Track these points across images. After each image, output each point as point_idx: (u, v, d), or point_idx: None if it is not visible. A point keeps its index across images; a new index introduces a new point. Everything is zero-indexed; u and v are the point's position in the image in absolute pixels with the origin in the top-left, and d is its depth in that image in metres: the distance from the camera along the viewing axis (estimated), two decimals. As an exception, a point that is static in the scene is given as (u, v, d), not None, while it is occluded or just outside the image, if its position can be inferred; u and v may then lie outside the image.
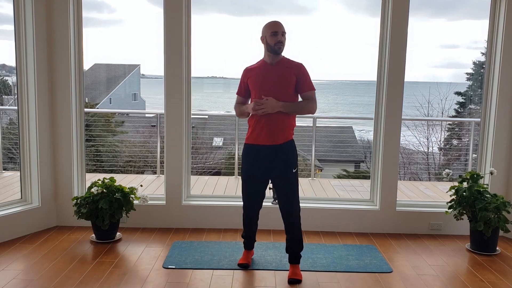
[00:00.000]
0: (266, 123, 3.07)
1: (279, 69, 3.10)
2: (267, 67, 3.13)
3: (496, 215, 3.65)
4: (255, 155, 3.15)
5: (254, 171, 3.19)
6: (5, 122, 7.77)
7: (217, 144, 11.44)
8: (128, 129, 11.37)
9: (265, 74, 3.11)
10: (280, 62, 3.13)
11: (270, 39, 3.06)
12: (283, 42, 3.08)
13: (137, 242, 3.86)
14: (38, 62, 3.87)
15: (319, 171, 9.98)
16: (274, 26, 3.07)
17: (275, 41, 3.05)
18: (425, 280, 3.24)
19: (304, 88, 3.12)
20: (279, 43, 3.05)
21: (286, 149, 3.11)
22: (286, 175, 3.11)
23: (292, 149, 3.14)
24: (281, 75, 3.09)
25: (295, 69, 3.11)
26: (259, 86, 3.11)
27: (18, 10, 3.81)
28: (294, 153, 3.15)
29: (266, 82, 3.09)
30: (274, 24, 3.08)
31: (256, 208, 3.34)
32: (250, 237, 3.47)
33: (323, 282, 3.17)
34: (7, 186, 5.52)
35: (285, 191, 3.15)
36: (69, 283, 3.04)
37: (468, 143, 8.95)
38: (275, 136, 3.08)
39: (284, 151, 3.10)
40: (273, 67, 3.12)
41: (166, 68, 4.01)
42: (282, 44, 3.07)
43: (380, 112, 4.15)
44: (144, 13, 48.27)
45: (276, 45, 3.05)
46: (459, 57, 72.91)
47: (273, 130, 3.07)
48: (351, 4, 51.81)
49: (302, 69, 3.12)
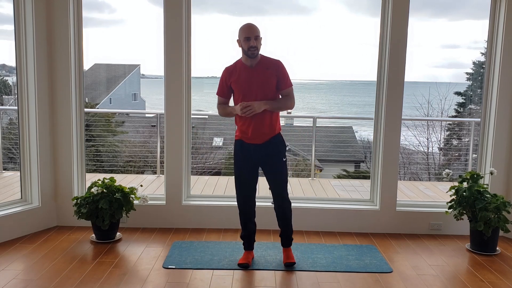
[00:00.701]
0: (253, 123, 3.23)
1: (260, 71, 3.22)
2: (248, 71, 3.24)
3: (496, 215, 3.64)
4: (246, 150, 3.31)
5: (246, 165, 3.34)
6: (5, 122, 7.77)
7: (217, 144, 11.44)
8: (128, 129, 11.37)
9: (249, 79, 3.23)
10: (259, 63, 3.24)
11: (243, 44, 3.17)
12: (257, 47, 3.17)
13: (137, 242, 3.86)
14: (38, 62, 3.87)
15: (319, 171, 9.98)
16: (246, 31, 3.16)
17: (248, 46, 3.15)
18: (425, 280, 3.24)
19: (283, 86, 3.28)
20: (252, 48, 3.15)
21: (275, 143, 3.31)
22: (277, 165, 3.33)
23: (280, 142, 3.34)
24: (263, 77, 3.22)
25: (274, 69, 3.24)
26: (244, 91, 3.23)
27: (18, 10, 3.81)
28: (282, 145, 3.36)
29: (250, 87, 3.22)
30: (247, 29, 3.17)
31: (251, 202, 3.44)
32: (249, 236, 3.49)
33: (323, 282, 3.17)
34: (7, 186, 5.51)
35: (276, 178, 3.35)
36: (69, 283, 3.05)
37: (468, 143, 8.95)
38: (263, 135, 3.26)
39: (273, 145, 3.30)
40: (254, 70, 3.23)
41: (166, 68, 4.01)
42: (255, 48, 3.17)
43: (380, 112, 4.15)
44: (145, 13, 48.32)
45: (249, 50, 3.16)
46: (460, 57, 72.97)
47: (261, 130, 3.25)
48: (351, 4, 51.79)
49: (281, 67, 3.26)
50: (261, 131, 3.25)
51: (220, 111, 3.41)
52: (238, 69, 3.27)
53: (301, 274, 3.30)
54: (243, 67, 3.26)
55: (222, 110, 3.39)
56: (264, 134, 3.26)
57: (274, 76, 3.23)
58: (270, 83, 3.23)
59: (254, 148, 3.28)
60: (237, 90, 3.27)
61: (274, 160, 3.32)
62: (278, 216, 3.43)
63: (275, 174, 3.34)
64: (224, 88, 3.34)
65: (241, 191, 3.41)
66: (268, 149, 3.29)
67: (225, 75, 3.31)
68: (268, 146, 3.28)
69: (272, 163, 3.33)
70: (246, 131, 3.27)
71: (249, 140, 3.28)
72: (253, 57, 3.19)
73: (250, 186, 3.40)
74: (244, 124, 3.26)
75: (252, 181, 3.40)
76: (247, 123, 3.24)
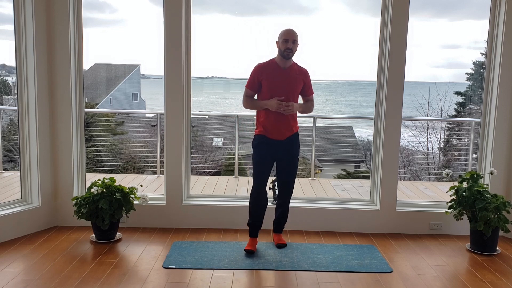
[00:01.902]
0: (276, 122, 3.50)
1: (291, 75, 3.51)
2: (281, 71, 3.50)
3: (496, 215, 3.64)
4: (266, 144, 3.55)
5: (266, 156, 3.58)
6: (5, 122, 7.78)
7: (217, 144, 11.45)
8: (128, 129, 11.38)
9: (280, 79, 3.49)
10: (291, 68, 3.53)
11: (281, 44, 3.46)
12: (293, 50, 3.46)
13: (137, 242, 3.86)
14: (38, 62, 3.87)
15: (319, 171, 9.98)
16: (286, 34, 3.46)
17: (284, 47, 3.44)
18: (425, 280, 3.24)
19: (309, 93, 3.65)
20: (288, 49, 3.44)
21: (292, 141, 3.59)
22: (291, 161, 3.63)
23: (297, 140, 3.64)
24: (293, 81, 3.51)
25: (303, 76, 3.57)
26: (275, 89, 3.48)
27: (18, 10, 3.81)
28: (298, 144, 3.66)
29: (281, 86, 3.48)
30: (287, 32, 3.47)
31: (263, 187, 3.62)
32: (256, 222, 3.66)
33: (323, 282, 3.17)
34: (7, 186, 5.51)
35: (287, 170, 3.65)
36: (69, 283, 3.05)
37: (468, 143, 8.95)
38: (287, 132, 3.55)
39: (291, 143, 3.58)
40: (286, 72, 3.51)
41: (166, 68, 4.01)
42: (291, 51, 3.45)
43: (380, 112, 4.15)
44: (145, 12, 48.30)
45: (285, 51, 3.45)
46: (460, 57, 72.93)
47: (285, 127, 3.53)
48: (353, 4, 51.80)
49: (308, 75, 3.61)
50: (285, 129, 3.53)
51: (246, 103, 3.61)
52: (272, 67, 3.52)
53: (301, 274, 3.30)
54: (276, 67, 3.51)
55: (250, 103, 3.59)
56: (287, 131, 3.54)
57: (301, 81, 3.54)
58: (298, 87, 3.54)
59: (275, 143, 3.53)
60: (268, 87, 3.49)
61: (292, 157, 3.61)
62: (278, 203, 3.74)
63: (288, 166, 3.62)
64: (255, 82, 3.54)
65: (258, 179, 3.59)
66: (287, 146, 3.56)
67: (258, 70, 3.54)
68: (288, 143, 3.55)
69: (288, 158, 3.60)
70: (270, 128, 3.52)
71: (272, 136, 3.52)
72: (287, 58, 3.47)
73: (265, 176, 3.61)
74: (269, 121, 3.51)
75: (267, 172, 3.61)
76: (272, 120, 3.49)
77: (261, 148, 3.57)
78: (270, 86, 3.49)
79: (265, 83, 3.50)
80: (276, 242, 3.76)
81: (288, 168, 3.64)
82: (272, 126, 3.51)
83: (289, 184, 3.69)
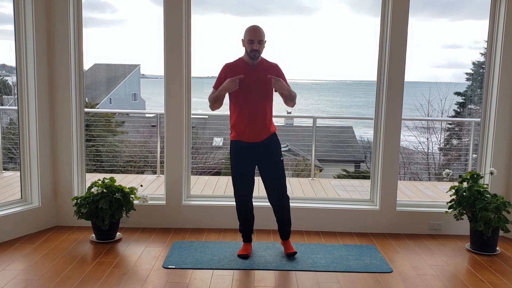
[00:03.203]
0: (249, 122, 3.32)
1: (260, 70, 3.31)
2: (249, 68, 3.33)
3: (496, 215, 3.64)
4: (243, 150, 3.39)
5: (244, 164, 3.42)
6: (5, 122, 7.77)
7: (217, 144, 11.45)
8: (128, 129, 11.38)
9: (249, 76, 3.30)
10: (260, 64, 3.35)
11: (247, 45, 3.28)
12: (259, 51, 3.28)
13: (137, 242, 3.86)
14: (38, 62, 3.87)
15: (319, 171, 9.98)
16: (251, 34, 3.26)
17: (250, 49, 3.26)
18: (425, 280, 3.24)
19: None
20: (254, 51, 3.25)
21: (270, 143, 3.41)
22: (274, 164, 3.43)
23: (275, 142, 3.45)
24: (262, 76, 3.30)
25: (274, 70, 3.36)
26: (245, 86, 3.28)
27: (18, 10, 3.81)
28: (278, 145, 3.46)
29: (251, 84, 3.28)
30: (252, 32, 3.26)
31: (248, 198, 3.53)
32: (248, 229, 3.59)
33: (323, 282, 3.17)
34: (7, 186, 5.51)
35: (275, 176, 3.44)
36: (69, 283, 3.05)
37: (468, 143, 8.95)
38: (261, 133, 3.36)
39: (269, 145, 3.40)
40: (254, 68, 3.33)
41: (166, 68, 4.01)
42: (257, 52, 3.27)
43: (380, 112, 4.15)
44: (146, 12, 48.35)
45: (251, 53, 3.27)
46: (461, 57, 72.94)
47: (256, 129, 3.34)
48: (354, 4, 51.74)
49: (279, 69, 3.40)
50: (260, 129, 3.34)
51: (210, 101, 3.40)
52: (240, 66, 3.35)
53: (301, 274, 3.30)
54: (245, 65, 3.35)
55: (212, 97, 3.37)
56: (261, 132, 3.35)
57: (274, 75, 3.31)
58: (268, 82, 3.31)
59: (252, 147, 3.36)
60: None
61: (273, 160, 3.41)
62: (276, 210, 3.53)
63: (275, 172, 3.43)
64: (222, 82, 3.35)
65: (239, 191, 3.49)
66: (266, 149, 3.38)
67: (225, 70, 3.37)
68: (266, 146, 3.38)
69: (271, 163, 3.42)
70: (244, 130, 3.34)
71: (247, 139, 3.35)
72: (254, 59, 3.31)
73: (249, 185, 3.49)
74: (241, 123, 3.34)
75: (250, 180, 3.48)
76: (244, 121, 3.32)
77: (238, 156, 3.40)
78: (239, 84, 3.27)
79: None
80: (286, 251, 3.55)
81: (273, 173, 3.42)
82: (245, 127, 3.32)
83: (279, 190, 3.46)
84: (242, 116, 3.32)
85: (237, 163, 3.43)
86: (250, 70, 3.31)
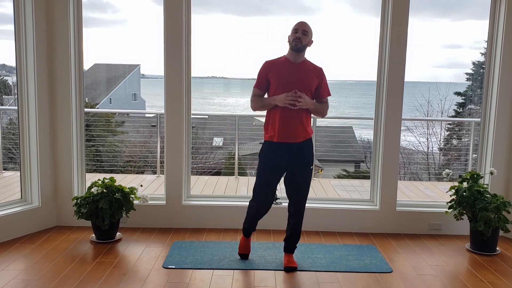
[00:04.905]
0: (287, 121, 3.14)
1: (302, 68, 3.18)
2: (291, 65, 3.19)
3: (496, 215, 3.64)
4: (276, 151, 3.20)
5: (274, 167, 3.24)
6: (5, 122, 7.77)
7: (217, 144, 11.45)
8: (128, 129, 11.38)
9: (289, 72, 3.17)
10: (303, 63, 3.21)
11: (291, 35, 3.18)
12: (301, 40, 3.12)
13: (137, 242, 3.86)
14: (38, 62, 3.87)
15: (321, 171, 9.98)
16: (296, 25, 3.18)
17: (293, 38, 3.14)
18: (425, 280, 3.24)
19: (324, 94, 3.29)
20: (297, 39, 3.12)
21: (305, 147, 3.22)
22: (304, 172, 3.26)
23: (310, 146, 3.27)
24: (304, 75, 3.18)
25: (317, 72, 3.23)
26: (284, 84, 3.14)
27: (18, 10, 3.81)
28: (312, 151, 3.29)
29: (291, 81, 3.14)
30: (298, 23, 3.19)
31: (268, 205, 3.36)
32: (252, 229, 3.53)
33: (323, 282, 3.17)
34: (7, 186, 5.52)
35: (301, 185, 3.29)
36: (69, 283, 3.05)
37: (468, 143, 8.95)
38: (297, 134, 3.17)
39: (304, 149, 3.21)
40: (296, 66, 3.19)
41: (166, 68, 4.01)
42: (299, 41, 3.12)
43: (380, 112, 4.15)
44: (146, 12, 48.31)
45: (294, 41, 3.14)
46: (462, 57, 72.86)
47: (295, 129, 3.16)
48: (355, 4, 51.72)
49: (323, 74, 3.26)
50: (299, 130, 3.16)
51: (254, 103, 3.27)
52: (280, 63, 3.22)
53: (301, 274, 3.30)
54: (286, 61, 3.21)
55: (258, 101, 3.25)
56: (301, 133, 3.17)
57: (316, 78, 3.20)
58: (311, 83, 3.19)
59: (287, 149, 3.17)
60: (276, 83, 3.17)
61: (302, 169, 3.24)
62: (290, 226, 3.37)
63: (301, 183, 3.28)
64: (262, 80, 3.24)
65: (263, 194, 3.32)
66: (299, 155, 3.20)
67: (265, 67, 3.23)
68: (301, 151, 3.19)
69: (300, 173, 3.25)
70: (282, 128, 3.14)
71: (284, 139, 3.15)
72: (296, 50, 3.14)
73: (273, 189, 3.34)
74: (279, 121, 3.13)
75: (274, 187, 3.33)
76: (283, 120, 3.13)
77: (269, 157, 3.21)
78: (279, 82, 3.14)
79: (273, 79, 3.17)
80: (286, 264, 3.35)
81: (300, 182, 3.26)
82: (284, 127, 3.13)
83: (300, 203, 3.30)
84: (282, 115, 3.13)
85: (265, 166, 3.24)
86: (291, 67, 3.17)
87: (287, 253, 3.43)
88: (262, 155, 3.26)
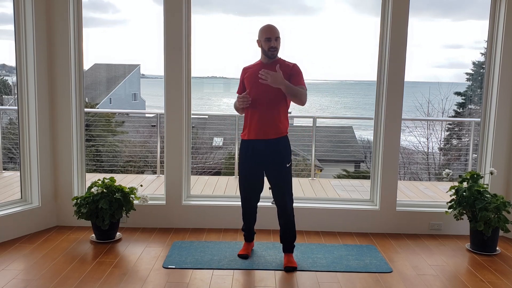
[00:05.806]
0: (258, 119, 3.23)
1: (273, 67, 3.18)
2: (263, 66, 3.26)
3: (496, 215, 3.64)
4: (250, 149, 3.30)
5: (250, 164, 3.34)
6: (5, 122, 7.78)
7: (217, 144, 11.44)
8: (128, 129, 11.37)
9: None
10: (275, 62, 3.26)
11: (264, 44, 3.21)
12: (277, 48, 3.22)
13: (137, 242, 3.86)
14: (38, 62, 3.87)
15: (319, 171, 9.98)
16: (267, 32, 3.20)
17: (268, 47, 3.20)
18: (425, 280, 3.24)
19: (295, 82, 3.20)
20: (272, 48, 3.20)
21: (278, 143, 3.26)
22: (279, 169, 3.28)
23: (284, 144, 3.29)
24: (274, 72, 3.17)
25: (288, 68, 3.24)
26: (253, 82, 3.23)
27: (18, 10, 3.81)
28: (287, 148, 3.30)
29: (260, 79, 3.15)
30: (268, 30, 3.21)
31: (253, 201, 3.49)
32: (250, 229, 3.58)
33: (323, 282, 3.17)
34: (7, 186, 5.52)
35: (278, 184, 3.33)
36: (69, 283, 3.05)
37: (468, 143, 8.95)
38: (267, 131, 3.23)
39: (276, 145, 3.26)
40: (268, 66, 3.23)
41: (166, 68, 4.01)
42: (275, 49, 3.22)
43: (380, 112, 4.15)
44: (147, 12, 48.32)
45: (270, 51, 3.21)
46: (462, 57, 72.92)
47: (265, 126, 3.23)
48: (356, 4, 51.73)
49: (295, 67, 3.27)
50: (265, 128, 3.22)
51: (235, 107, 3.45)
52: (254, 66, 3.34)
53: (301, 274, 3.30)
54: (259, 64, 3.32)
55: (235, 106, 3.43)
56: (267, 132, 3.22)
57: (286, 74, 3.18)
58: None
59: (257, 145, 3.25)
60: (249, 85, 3.28)
61: (277, 167, 3.28)
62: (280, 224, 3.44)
63: (278, 180, 3.32)
64: (240, 85, 3.41)
65: (244, 192, 3.46)
66: (272, 153, 3.25)
67: (242, 73, 3.40)
68: (274, 148, 3.24)
69: (275, 170, 3.29)
70: (253, 126, 3.24)
71: (252, 136, 3.25)
72: (273, 58, 3.24)
73: (254, 187, 3.44)
74: (252, 119, 3.24)
75: (256, 183, 3.42)
76: (256, 119, 3.22)
77: (243, 154, 3.34)
78: (251, 83, 3.25)
79: (246, 81, 3.32)
80: (285, 264, 3.37)
81: (276, 180, 3.31)
82: (254, 124, 3.23)
83: (282, 201, 3.32)
84: (255, 114, 3.24)
85: (243, 163, 3.37)
86: (263, 68, 3.19)
87: (286, 253, 3.46)
88: (240, 153, 3.41)
